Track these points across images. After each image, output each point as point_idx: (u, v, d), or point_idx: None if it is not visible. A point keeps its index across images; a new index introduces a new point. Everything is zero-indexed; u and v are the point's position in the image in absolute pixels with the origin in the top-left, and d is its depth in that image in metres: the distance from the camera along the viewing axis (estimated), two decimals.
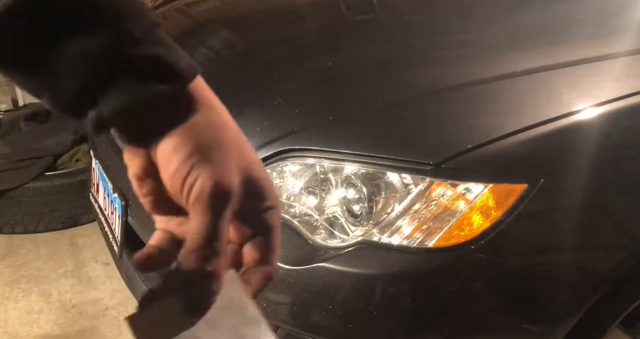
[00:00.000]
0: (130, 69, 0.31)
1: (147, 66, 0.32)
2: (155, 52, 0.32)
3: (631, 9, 1.43)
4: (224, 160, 0.34)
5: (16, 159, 2.10)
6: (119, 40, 0.31)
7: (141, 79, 0.31)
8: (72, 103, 0.31)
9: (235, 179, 0.34)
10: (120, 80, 0.31)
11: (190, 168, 0.33)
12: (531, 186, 0.91)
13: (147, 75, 0.32)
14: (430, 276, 0.93)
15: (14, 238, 2.16)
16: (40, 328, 1.75)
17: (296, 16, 1.65)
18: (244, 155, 0.35)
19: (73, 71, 0.30)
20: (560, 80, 1.08)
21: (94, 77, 0.31)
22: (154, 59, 0.32)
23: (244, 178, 0.35)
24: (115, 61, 0.31)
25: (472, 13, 1.49)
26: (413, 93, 1.09)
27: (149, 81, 0.32)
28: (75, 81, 0.30)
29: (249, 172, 0.35)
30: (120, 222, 1.31)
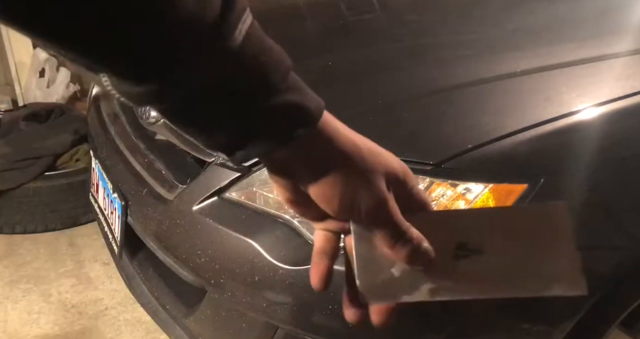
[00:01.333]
0: (273, 117, 0.36)
1: (284, 113, 0.36)
2: (291, 99, 0.36)
3: (631, 9, 1.43)
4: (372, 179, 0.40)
5: (16, 159, 2.10)
6: (263, 93, 0.35)
7: (280, 125, 0.36)
8: (223, 147, 0.37)
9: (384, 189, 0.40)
10: (264, 128, 0.36)
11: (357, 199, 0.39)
12: (531, 186, 0.91)
13: (285, 121, 0.36)
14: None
15: (14, 238, 2.16)
16: (40, 328, 1.75)
17: (296, 16, 1.65)
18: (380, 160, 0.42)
19: (225, 123, 0.36)
20: (560, 80, 1.08)
21: (242, 128, 0.36)
22: (290, 106, 0.36)
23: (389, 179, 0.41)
24: (259, 112, 0.35)
25: (472, 13, 1.49)
26: (413, 93, 1.09)
27: (286, 126, 0.36)
28: (226, 132, 0.36)
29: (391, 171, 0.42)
30: (120, 222, 1.31)
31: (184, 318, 1.19)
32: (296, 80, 0.38)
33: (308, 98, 0.38)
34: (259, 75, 0.34)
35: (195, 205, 1.08)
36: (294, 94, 0.36)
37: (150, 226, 1.17)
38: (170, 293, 1.26)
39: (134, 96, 0.33)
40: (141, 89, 0.32)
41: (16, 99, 3.01)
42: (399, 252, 0.41)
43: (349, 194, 0.39)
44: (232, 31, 0.32)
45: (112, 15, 0.29)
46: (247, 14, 0.34)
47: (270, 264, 0.96)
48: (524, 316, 1.00)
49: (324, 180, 0.39)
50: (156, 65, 0.31)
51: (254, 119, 0.36)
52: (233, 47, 0.33)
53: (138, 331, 1.74)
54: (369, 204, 0.39)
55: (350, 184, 0.39)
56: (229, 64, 0.33)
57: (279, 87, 0.36)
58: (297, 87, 0.37)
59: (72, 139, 2.22)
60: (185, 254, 1.08)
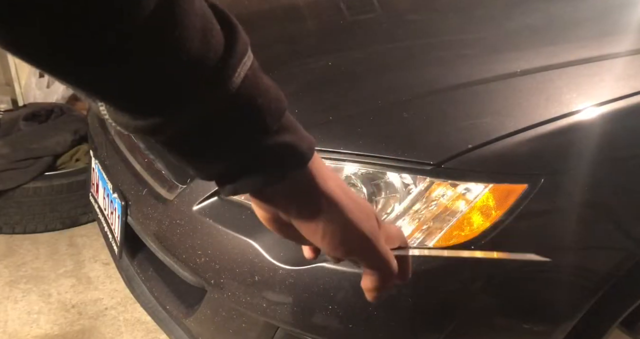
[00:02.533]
0: (264, 157, 0.37)
1: (277, 153, 0.37)
2: (284, 140, 0.37)
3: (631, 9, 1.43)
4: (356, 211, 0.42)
5: (16, 159, 2.10)
6: (257, 134, 0.36)
7: (272, 165, 0.37)
8: (213, 179, 0.38)
9: (374, 225, 0.43)
10: (255, 167, 0.37)
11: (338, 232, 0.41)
12: (531, 186, 0.91)
13: (277, 161, 0.38)
14: (431, 276, 0.93)
15: (14, 238, 2.16)
16: (40, 328, 1.75)
17: (296, 16, 1.65)
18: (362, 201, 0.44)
19: (217, 159, 0.37)
20: (560, 80, 1.08)
21: (233, 165, 0.37)
22: (283, 146, 0.37)
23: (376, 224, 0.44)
24: (252, 151, 0.36)
25: (472, 13, 1.49)
26: (413, 93, 1.09)
27: (278, 165, 0.38)
28: (218, 167, 0.37)
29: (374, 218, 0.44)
30: (120, 223, 1.31)
31: (184, 318, 1.19)
32: (290, 120, 0.39)
33: (300, 138, 0.39)
34: (254, 117, 0.35)
35: (195, 205, 1.08)
36: (288, 135, 0.38)
37: (150, 226, 1.17)
38: (170, 293, 1.26)
39: (130, 128, 0.34)
40: (139, 123, 0.33)
41: (16, 99, 3.01)
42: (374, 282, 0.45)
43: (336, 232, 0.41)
44: (231, 75, 0.33)
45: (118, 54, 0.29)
46: (247, 56, 0.34)
47: (270, 264, 0.96)
48: (524, 316, 1.00)
49: (310, 215, 0.40)
50: (155, 103, 0.32)
51: (246, 158, 0.37)
52: (231, 90, 0.33)
53: (138, 331, 1.74)
54: (359, 240, 0.42)
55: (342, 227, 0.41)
56: (226, 106, 0.34)
57: (273, 128, 0.37)
58: (291, 127, 0.38)
59: (72, 139, 2.22)
60: (185, 254, 1.08)
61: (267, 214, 0.43)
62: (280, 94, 0.38)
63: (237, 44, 0.33)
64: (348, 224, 0.41)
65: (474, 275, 0.94)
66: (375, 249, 0.43)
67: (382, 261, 0.44)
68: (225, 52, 0.33)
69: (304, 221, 0.41)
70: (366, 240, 0.42)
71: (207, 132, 0.35)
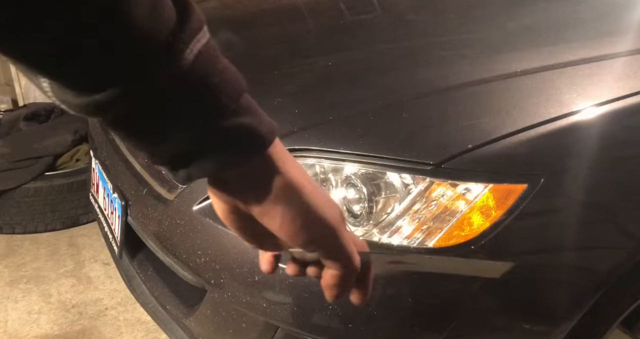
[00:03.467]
0: (220, 139, 0.35)
1: (234, 135, 0.35)
2: (243, 122, 0.35)
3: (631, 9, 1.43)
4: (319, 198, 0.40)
5: (16, 159, 2.10)
6: (211, 115, 0.34)
7: (229, 148, 0.35)
8: (165, 164, 0.36)
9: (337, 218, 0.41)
10: (210, 149, 0.35)
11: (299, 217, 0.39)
12: (531, 186, 0.91)
13: (234, 144, 0.35)
14: (431, 276, 0.93)
15: (14, 238, 2.16)
16: (40, 328, 1.75)
17: (296, 16, 1.65)
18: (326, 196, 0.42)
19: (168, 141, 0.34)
20: (560, 81, 1.08)
21: (186, 148, 0.35)
22: (241, 128, 0.35)
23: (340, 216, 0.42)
24: (206, 133, 0.34)
25: (472, 13, 1.49)
26: (413, 93, 1.09)
27: (235, 149, 0.36)
28: (169, 149, 0.35)
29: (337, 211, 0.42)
30: (120, 223, 1.31)
31: (184, 318, 1.19)
32: (250, 103, 0.37)
33: (260, 122, 0.37)
34: (208, 96, 0.34)
35: (195, 205, 1.08)
36: (246, 117, 0.36)
37: (150, 226, 1.17)
38: (170, 293, 1.26)
39: (74, 106, 0.32)
40: (83, 100, 0.31)
41: (16, 99, 3.01)
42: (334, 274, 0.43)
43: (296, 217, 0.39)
44: (183, 50, 0.32)
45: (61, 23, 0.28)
46: (202, 33, 0.33)
47: None
48: (524, 316, 1.00)
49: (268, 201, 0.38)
50: (101, 77, 0.30)
51: (200, 140, 0.35)
52: (183, 66, 0.32)
53: (138, 331, 1.74)
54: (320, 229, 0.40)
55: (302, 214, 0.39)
56: (177, 82, 0.32)
57: (229, 109, 0.35)
58: (251, 110, 0.36)
59: (72, 139, 2.22)
60: (185, 254, 1.08)
61: (225, 206, 0.40)
62: (239, 76, 0.36)
63: (190, 19, 0.32)
64: (309, 210, 0.39)
65: (474, 275, 0.94)
66: (337, 238, 0.41)
67: (345, 253, 0.42)
68: (176, 27, 0.31)
69: (263, 207, 0.38)
70: (328, 227, 0.40)
71: (156, 111, 0.33)
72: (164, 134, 0.34)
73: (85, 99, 0.31)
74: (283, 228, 0.39)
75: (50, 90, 0.32)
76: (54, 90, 0.32)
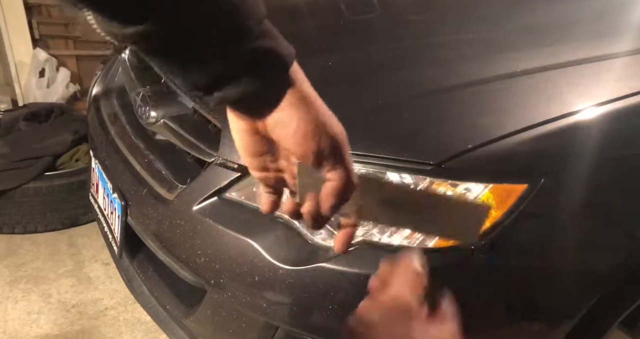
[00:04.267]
0: (247, 61, 0.39)
1: (259, 57, 0.39)
2: (266, 45, 0.40)
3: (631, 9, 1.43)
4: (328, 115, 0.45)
5: (16, 159, 2.10)
6: (238, 37, 0.38)
7: (256, 69, 0.39)
8: (200, 88, 0.40)
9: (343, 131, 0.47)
10: (240, 71, 0.39)
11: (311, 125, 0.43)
12: (531, 186, 0.91)
13: (260, 65, 0.40)
14: (430, 277, 0.93)
15: (14, 238, 2.16)
16: (40, 328, 1.75)
17: (296, 16, 1.65)
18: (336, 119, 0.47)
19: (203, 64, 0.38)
20: (560, 81, 1.08)
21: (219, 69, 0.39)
22: (265, 51, 0.40)
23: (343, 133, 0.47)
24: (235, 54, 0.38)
25: (472, 13, 1.49)
26: (413, 93, 1.09)
27: (262, 70, 0.40)
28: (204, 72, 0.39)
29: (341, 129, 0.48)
30: (120, 223, 1.31)
31: (184, 318, 1.19)
32: (270, 27, 0.41)
33: (281, 45, 0.41)
34: (237, 21, 0.37)
35: (195, 205, 1.08)
36: (268, 40, 0.40)
37: (150, 226, 1.17)
38: (170, 293, 1.26)
39: (119, 36, 0.36)
40: (128, 30, 0.35)
41: (16, 99, 3.01)
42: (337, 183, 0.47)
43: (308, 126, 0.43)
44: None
45: None
46: None
47: (270, 264, 0.96)
48: (525, 316, 1.00)
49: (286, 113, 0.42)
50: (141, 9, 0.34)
51: (230, 61, 0.38)
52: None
53: (138, 331, 1.74)
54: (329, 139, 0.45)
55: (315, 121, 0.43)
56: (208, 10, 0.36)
57: (254, 31, 0.39)
58: (271, 34, 0.41)
59: (72, 139, 2.22)
60: (185, 254, 1.08)
61: (242, 123, 0.44)
62: (259, 2, 0.40)
63: None
64: (320, 119, 0.44)
65: (474, 275, 0.94)
66: (342, 151, 0.46)
67: (347, 167, 0.46)
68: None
69: (280, 116, 0.42)
70: (335, 140, 0.45)
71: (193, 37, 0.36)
72: (200, 58, 0.38)
73: (130, 29, 0.35)
74: (297, 133, 0.43)
75: (96, 23, 0.36)
76: (98, 23, 0.36)
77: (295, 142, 0.43)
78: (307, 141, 0.43)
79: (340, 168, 0.46)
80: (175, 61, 0.38)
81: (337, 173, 0.46)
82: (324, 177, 0.46)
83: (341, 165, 0.46)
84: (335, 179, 0.46)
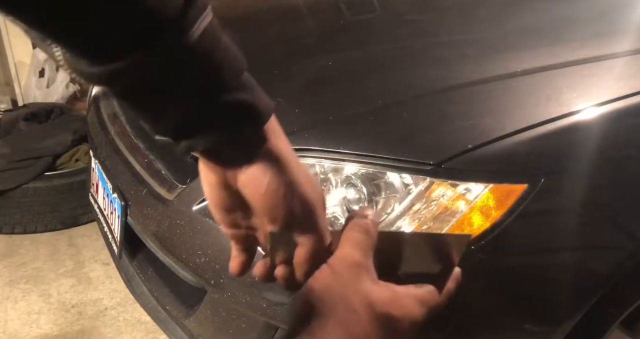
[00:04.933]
0: (220, 113, 0.37)
1: (234, 110, 0.38)
2: (242, 98, 0.38)
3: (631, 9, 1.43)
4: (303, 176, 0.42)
5: (16, 159, 2.10)
6: (214, 89, 0.37)
7: (228, 122, 0.38)
8: (168, 134, 0.39)
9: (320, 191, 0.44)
10: (213, 122, 0.38)
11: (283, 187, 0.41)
12: (531, 186, 0.91)
13: (233, 118, 0.38)
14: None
15: (14, 238, 2.16)
16: (40, 328, 1.75)
17: (296, 16, 1.65)
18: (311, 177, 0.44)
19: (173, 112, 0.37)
20: (560, 81, 1.08)
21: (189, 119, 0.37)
22: (240, 104, 0.38)
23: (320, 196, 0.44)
24: (208, 106, 0.37)
25: (472, 13, 1.49)
26: (413, 93, 1.09)
27: (235, 123, 0.38)
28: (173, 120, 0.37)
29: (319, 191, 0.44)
30: (120, 223, 1.30)
31: (184, 318, 1.19)
32: (249, 80, 0.39)
33: (259, 99, 0.39)
34: (212, 71, 0.36)
35: (195, 205, 1.08)
36: (245, 93, 0.38)
37: (150, 226, 1.17)
38: (170, 293, 1.26)
39: (86, 75, 0.34)
40: (95, 70, 0.33)
41: (16, 99, 3.01)
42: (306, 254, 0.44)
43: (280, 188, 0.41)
44: (191, 25, 0.34)
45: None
46: (207, 12, 0.35)
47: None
48: (525, 316, 1.00)
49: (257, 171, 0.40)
50: (113, 49, 0.33)
51: (203, 113, 0.37)
52: (189, 42, 0.34)
53: (138, 331, 1.74)
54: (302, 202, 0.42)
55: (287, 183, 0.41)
56: (184, 56, 0.34)
57: (231, 84, 0.37)
58: (250, 87, 0.39)
59: (72, 139, 2.22)
60: (185, 254, 1.08)
61: (213, 177, 0.42)
62: (240, 55, 0.38)
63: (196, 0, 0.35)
64: (293, 183, 0.41)
65: (474, 275, 0.94)
66: (315, 215, 0.43)
67: (320, 232, 0.43)
68: (185, 4, 0.34)
69: (251, 176, 0.41)
70: (308, 204, 0.42)
71: (164, 83, 0.35)
72: (170, 105, 0.37)
73: (97, 69, 0.33)
74: (267, 194, 0.41)
75: (63, 59, 0.34)
76: (66, 59, 0.34)
77: (264, 203, 0.41)
78: (277, 203, 0.41)
79: (312, 233, 0.43)
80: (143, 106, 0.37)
81: (308, 238, 0.43)
82: (296, 241, 0.44)
83: (314, 230, 0.43)
84: (307, 245, 0.43)
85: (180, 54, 0.34)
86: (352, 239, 0.44)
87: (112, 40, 0.32)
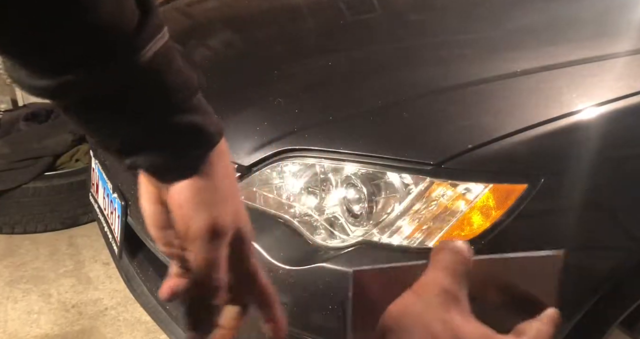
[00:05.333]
0: (168, 134, 0.37)
1: (184, 132, 0.37)
2: (192, 120, 0.37)
3: (631, 9, 1.43)
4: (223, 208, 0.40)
5: (16, 159, 2.10)
6: (163, 110, 0.36)
7: (175, 143, 0.37)
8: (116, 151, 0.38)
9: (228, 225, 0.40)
10: (160, 142, 0.37)
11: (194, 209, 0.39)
12: (531, 186, 0.91)
13: (181, 140, 0.37)
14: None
15: (14, 238, 2.16)
16: (40, 328, 1.75)
17: (296, 16, 1.65)
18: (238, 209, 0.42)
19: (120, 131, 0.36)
20: (560, 81, 1.08)
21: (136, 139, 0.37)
22: (189, 126, 0.37)
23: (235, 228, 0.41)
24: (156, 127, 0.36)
25: (472, 13, 1.49)
26: (413, 93, 1.09)
27: (181, 145, 0.38)
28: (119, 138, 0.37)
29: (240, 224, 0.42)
30: (120, 223, 1.31)
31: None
32: (202, 104, 0.38)
33: (210, 121, 0.39)
34: (162, 93, 0.36)
35: None
36: (196, 116, 0.38)
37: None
38: None
39: (31, 88, 0.33)
40: (41, 83, 0.32)
41: (16, 99, 3.01)
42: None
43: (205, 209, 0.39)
44: (143, 46, 0.33)
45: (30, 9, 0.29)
46: (162, 34, 0.35)
47: (270, 264, 0.96)
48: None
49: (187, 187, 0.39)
50: (61, 64, 0.32)
51: (151, 132, 0.36)
52: (140, 62, 0.33)
53: (138, 331, 1.74)
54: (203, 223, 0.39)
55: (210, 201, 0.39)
56: (133, 76, 0.34)
57: (181, 106, 0.37)
58: (201, 109, 0.38)
59: (72, 139, 2.22)
60: None
61: (151, 193, 0.42)
62: (194, 77, 0.38)
63: (151, 20, 0.34)
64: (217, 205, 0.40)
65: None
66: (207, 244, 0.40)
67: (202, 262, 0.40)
68: (138, 25, 0.33)
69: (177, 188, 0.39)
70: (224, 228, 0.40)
71: (111, 102, 0.34)
72: (117, 124, 0.36)
73: (44, 82, 0.32)
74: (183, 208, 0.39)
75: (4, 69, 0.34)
76: (8, 68, 0.33)
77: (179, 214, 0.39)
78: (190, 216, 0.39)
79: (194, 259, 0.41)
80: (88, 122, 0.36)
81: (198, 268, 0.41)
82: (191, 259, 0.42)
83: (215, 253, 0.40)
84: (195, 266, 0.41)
85: (131, 72, 0.33)
86: (441, 261, 0.38)
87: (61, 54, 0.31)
